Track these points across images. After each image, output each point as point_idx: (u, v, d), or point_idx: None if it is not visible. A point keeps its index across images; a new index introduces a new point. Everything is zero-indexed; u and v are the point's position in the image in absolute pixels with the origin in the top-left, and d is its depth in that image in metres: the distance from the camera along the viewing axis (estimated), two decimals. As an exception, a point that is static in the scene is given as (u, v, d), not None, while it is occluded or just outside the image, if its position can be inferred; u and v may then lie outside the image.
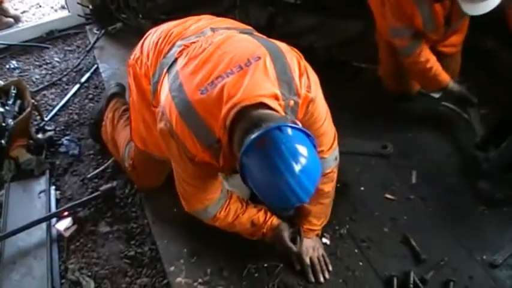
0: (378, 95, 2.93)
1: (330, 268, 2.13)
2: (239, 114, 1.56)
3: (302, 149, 1.46)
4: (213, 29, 1.94)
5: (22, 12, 4.16)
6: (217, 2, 2.24)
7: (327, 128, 1.91)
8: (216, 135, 1.65)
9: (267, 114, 1.55)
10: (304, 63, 1.79)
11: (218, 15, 2.17)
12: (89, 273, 2.25)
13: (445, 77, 2.63)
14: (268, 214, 2.08)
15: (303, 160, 1.45)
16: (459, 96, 2.67)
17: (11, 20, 3.96)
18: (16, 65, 3.56)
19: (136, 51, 2.15)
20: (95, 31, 3.74)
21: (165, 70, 1.85)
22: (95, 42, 3.62)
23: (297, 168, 1.43)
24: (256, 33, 2.01)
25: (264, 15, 3.58)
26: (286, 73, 1.69)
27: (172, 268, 2.17)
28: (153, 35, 2.09)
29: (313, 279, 2.10)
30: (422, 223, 2.29)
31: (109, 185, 2.54)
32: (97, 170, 2.69)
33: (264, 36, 1.94)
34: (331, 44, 3.34)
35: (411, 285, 2.02)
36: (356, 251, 2.20)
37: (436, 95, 2.89)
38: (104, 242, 2.37)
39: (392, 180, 2.45)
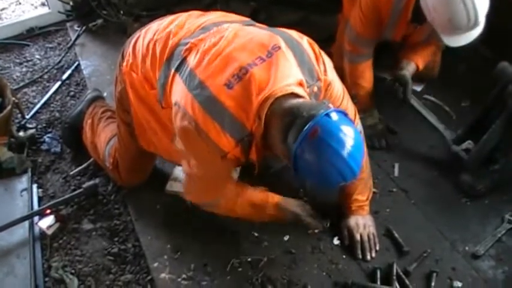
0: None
1: (378, 247, 2.17)
2: (273, 105, 1.62)
3: (349, 129, 1.57)
4: (216, 24, 1.92)
5: (1, 10, 4.10)
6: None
7: (347, 105, 2.01)
8: (248, 129, 1.67)
9: (301, 102, 1.63)
10: (317, 47, 1.86)
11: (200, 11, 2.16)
12: (73, 271, 2.23)
13: (368, 102, 2.66)
14: (267, 193, 2.10)
15: (351, 138, 1.56)
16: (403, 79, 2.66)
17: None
18: (-4, 63, 3.52)
19: (128, 57, 2.09)
20: (76, 28, 3.69)
21: (172, 70, 1.83)
22: (75, 39, 3.58)
23: (349, 145, 1.54)
24: (257, 24, 2.01)
25: (246, 11, 3.57)
26: (306, 60, 1.76)
27: (156, 264, 2.17)
28: (144, 38, 2.05)
29: (360, 256, 2.15)
30: (405, 216, 2.31)
31: (91, 182, 2.52)
32: (80, 168, 2.66)
33: (266, 26, 1.96)
34: (314, 40, 3.33)
35: (394, 277, 2.04)
36: (339, 244, 2.21)
37: (418, 88, 2.90)
38: (87, 240, 2.35)
39: (374, 173, 2.45)
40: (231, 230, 2.27)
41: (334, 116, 1.56)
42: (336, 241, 2.22)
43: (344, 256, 2.16)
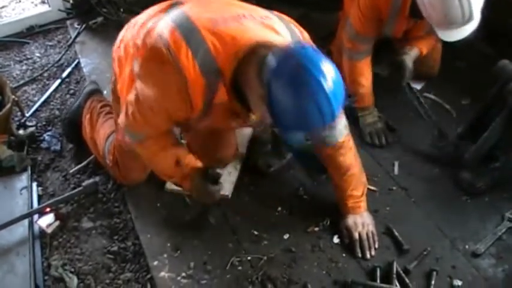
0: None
1: (377, 245, 2.16)
2: (252, 50, 1.61)
3: (328, 64, 1.51)
4: None
5: (1, 7, 4.10)
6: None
7: None
8: (219, 66, 1.66)
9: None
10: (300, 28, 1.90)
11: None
12: (72, 269, 2.23)
13: (367, 100, 2.67)
14: (195, 159, 2.06)
15: (332, 72, 1.50)
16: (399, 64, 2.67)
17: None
18: (-4, 61, 3.52)
19: (117, 42, 2.16)
20: (76, 26, 3.69)
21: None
22: (75, 37, 3.58)
23: (331, 79, 1.47)
24: None
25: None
26: (295, 31, 1.80)
27: (155, 262, 2.16)
28: (137, 20, 2.10)
29: (360, 255, 2.14)
30: (405, 214, 2.30)
31: (91, 180, 2.52)
32: (79, 165, 2.66)
33: None
34: (315, 37, 3.33)
35: (394, 276, 2.03)
36: (339, 242, 2.21)
37: (418, 86, 2.90)
38: (87, 238, 2.35)
39: (374, 172, 2.46)
40: (231, 228, 2.27)
41: (311, 49, 1.54)
42: (335, 239, 2.21)
43: (344, 254, 2.16)
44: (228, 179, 2.42)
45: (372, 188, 2.39)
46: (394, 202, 2.35)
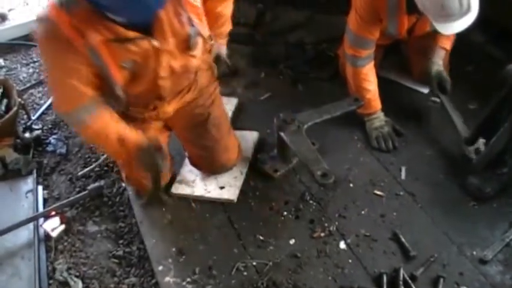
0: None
1: None
2: None
3: None
4: None
5: (9, 10, 4.11)
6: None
7: None
8: None
9: None
10: None
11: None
12: (77, 274, 2.23)
13: (374, 105, 2.64)
14: (138, 133, 2.01)
15: None
16: (438, 77, 2.67)
17: (-3, 18, 3.92)
18: (3, 64, 3.53)
19: None
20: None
21: None
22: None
23: None
24: None
25: (253, 12, 3.56)
26: None
27: (160, 267, 2.16)
28: None
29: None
30: (412, 219, 2.28)
31: (97, 184, 2.52)
32: (87, 169, 2.66)
33: None
34: (320, 40, 3.33)
35: (401, 282, 2.01)
36: (345, 248, 2.19)
37: (425, 91, 2.88)
38: (92, 242, 2.35)
39: (381, 177, 2.44)
40: (236, 233, 2.26)
41: None
42: (342, 245, 2.19)
43: (350, 260, 2.14)
44: (233, 184, 2.42)
45: (379, 193, 2.37)
46: (401, 207, 2.33)
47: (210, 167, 2.45)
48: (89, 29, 1.69)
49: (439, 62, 2.67)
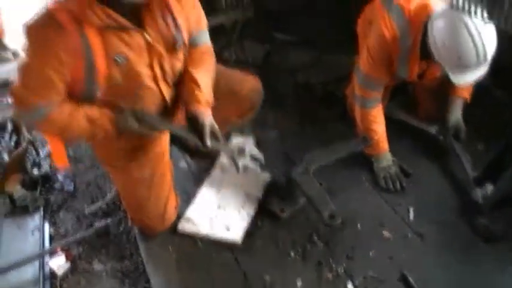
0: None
1: None
2: None
3: None
4: None
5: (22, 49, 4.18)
6: (213, 40, 2.29)
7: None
8: None
9: None
10: None
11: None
12: (82, 313, 2.22)
13: (381, 146, 2.65)
14: (103, 110, 1.94)
15: None
16: (455, 128, 2.69)
17: (10, 55, 3.97)
18: (13, 101, 3.55)
19: None
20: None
21: None
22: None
23: None
24: None
25: (260, 53, 3.62)
26: None
27: (166, 307, 2.14)
28: None
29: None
30: (421, 261, 2.25)
31: (103, 222, 2.52)
32: (94, 206, 2.66)
33: None
34: (327, 80, 3.36)
35: (410, 325, 1.99)
36: (353, 289, 2.17)
37: (432, 130, 2.89)
38: (97, 280, 2.34)
39: (389, 218, 2.43)
40: (243, 272, 2.24)
41: None
42: (349, 286, 2.17)
43: (358, 302, 2.11)
44: (239, 224, 2.40)
45: (387, 234, 2.35)
46: (410, 249, 2.30)
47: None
48: (85, 12, 1.70)
49: (458, 112, 2.69)
